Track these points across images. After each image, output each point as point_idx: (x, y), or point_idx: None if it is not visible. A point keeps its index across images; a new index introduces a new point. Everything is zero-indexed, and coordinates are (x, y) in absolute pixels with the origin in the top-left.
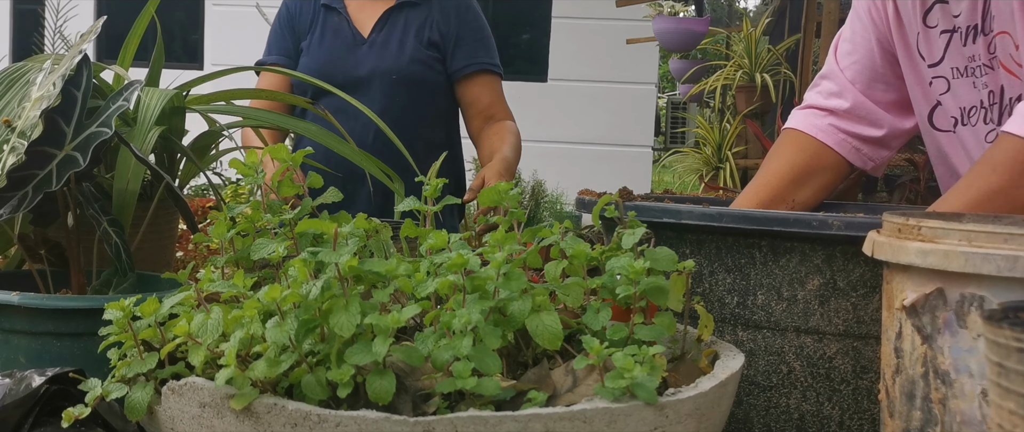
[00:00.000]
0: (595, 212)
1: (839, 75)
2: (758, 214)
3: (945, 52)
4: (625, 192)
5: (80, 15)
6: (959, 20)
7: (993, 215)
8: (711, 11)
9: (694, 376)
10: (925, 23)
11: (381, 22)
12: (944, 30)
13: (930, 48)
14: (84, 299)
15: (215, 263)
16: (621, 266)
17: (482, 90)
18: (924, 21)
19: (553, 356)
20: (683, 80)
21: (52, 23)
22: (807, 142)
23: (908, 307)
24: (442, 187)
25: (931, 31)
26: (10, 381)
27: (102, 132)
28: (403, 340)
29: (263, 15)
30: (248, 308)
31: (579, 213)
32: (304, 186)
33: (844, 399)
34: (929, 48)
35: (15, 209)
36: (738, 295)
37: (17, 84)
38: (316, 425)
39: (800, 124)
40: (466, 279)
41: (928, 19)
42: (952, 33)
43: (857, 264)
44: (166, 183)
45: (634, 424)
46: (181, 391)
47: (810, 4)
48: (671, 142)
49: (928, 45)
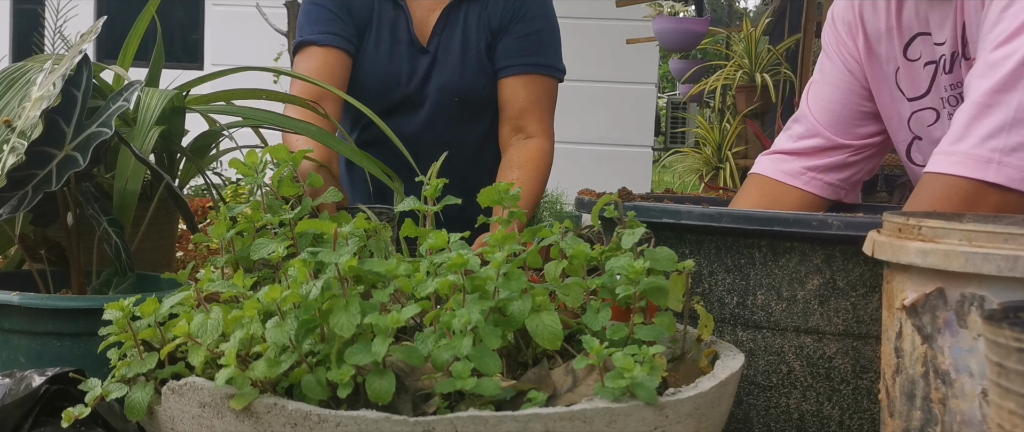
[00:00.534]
0: (595, 212)
1: (809, 118)
2: (758, 214)
3: (932, 84)
4: (625, 192)
5: (80, 15)
6: (944, 49)
7: (993, 215)
8: (711, 11)
9: (694, 376)
10: (906, 57)
11: (441, 23)
12: (928, 62)
13: (914, 82)
14: (84, 299)
15: (215, 263)
16: (621, 266)
17: (514, 93)
18: (905, 55)
19: (553, 356)
20: (683, 80)
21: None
22: (771, 187)
23: (908, 307)
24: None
25: (913, 64)
26: (10, 381)
27: (102, 132)
28: (403, 340)
29: (263, 15)
30: (248, 308)
31: (579, 213)
32: (304, 187)
33: (844, 399)
34: (912, 82)
35: (15, 209)
36: (738, 295)
37: (17, 84)
38: (316, 425)
39: (765, 170)
40: (466, 279)
41: (909, 52)
42: (937, 64)
43: (857, 264)
44: (166, 183)
45: (634, 424)
46: (181, 391)
47: (810, 4)
48: (671, 142)
49: (911, 79)
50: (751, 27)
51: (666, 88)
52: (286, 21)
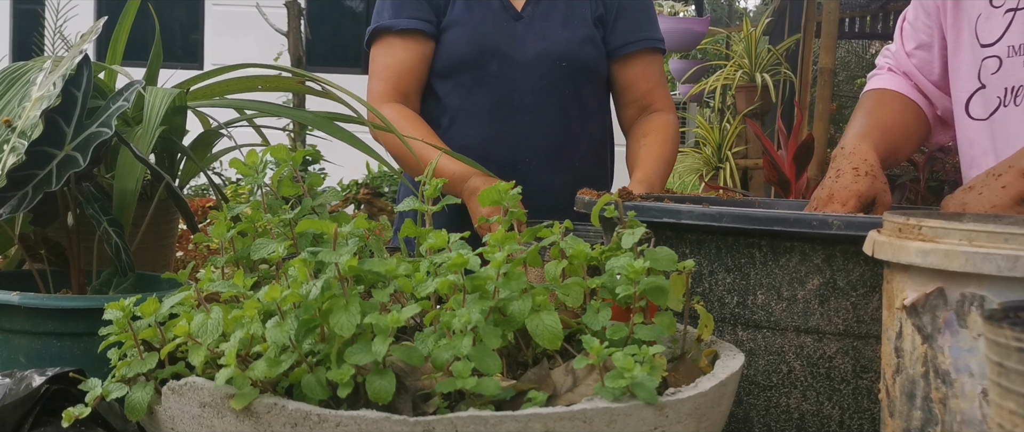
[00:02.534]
0: (595, 212)
1: (904, 60)
2: (758, 214)
3: (1005, 31)
4: (625, 192)
5: (80, 15)
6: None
7: (993, 215)
8: (711, 11)
9: (694, 376)
10: (992, 3)
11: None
12: (1009, 9)
13: (990, 28)
14: (84, 299)
15: (215, 263)
16: (621, 266)
17: (641, 72)
18: (991, 1)
19: (553, 356)
20: (683, 80)
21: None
22: (906, 104)
23: (908, 307)
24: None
25: (996, 11)
26: (10, 381)
27: (102, 132)
28: (403, 340)
29: (263, 15)
30: (248, 308)
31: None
32: (303, 187)
33: (844, 399)
34: (989, 28)
35: (15, 209)
36: (738, 295)
37: (17, 84)
38: (316, 425)
39: (895, 86)
40: (466, 279)
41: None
42: (1016, 11)
43: (857, 264)
44: (166, 183)
45: (634, 424)
46: (181, 391)
47: (810, 4)
48: None
49: (988, 26)
50: (751, 27)
51: None
52: (286, 21)
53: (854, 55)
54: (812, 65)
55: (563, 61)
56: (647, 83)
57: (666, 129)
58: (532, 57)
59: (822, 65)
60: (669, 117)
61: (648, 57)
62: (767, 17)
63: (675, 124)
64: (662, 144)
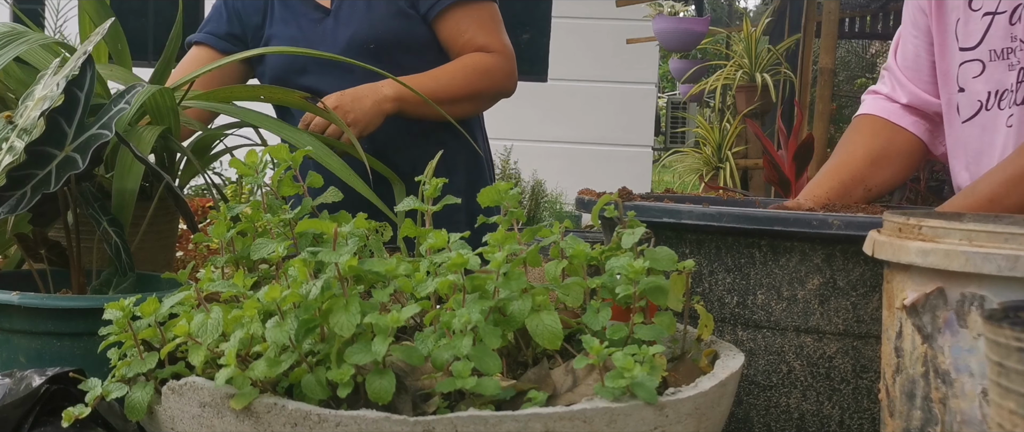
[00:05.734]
0: (595, 212)
1: (896, 72)
2: (758, 214)
3: (984, 35)
4: (625, 192)
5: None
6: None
7: (994, 215)
8: (711, 11)
9: (694, 376)
10: (970, 7)
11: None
12: (987, 12)
13: (968, 32)
14: (84, 299)
15: (215, 263)
16: (621, 266)
17: (454, 28)
18: (969, 5)
19: (553, 356)
20: (683, 80)
21: (52, 23)
22: (882, 126)
23: (908, 306)
24: (442, 186)
25: (974, 14)
26: (10, 381)
27: (103, 134)
28: (403, 340)
29: None
30: (248, 308)
31: (579, 213)
32: (304, 186)
33: (844, 398)
34: (967, 32)
35: (13, 209)
36: (738, 295)
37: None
38: (316, 425)
39: (872, 109)
40: (466, 279)
41: (974, 2)
42: (994, 15)
43: (857, 263)
44: (166, 183)
45: (634, 424)
46: (181, 391)
47: (810, 4)
48: (671, 142)
49: (967, 29)
50: (751, 27)
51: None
52: None
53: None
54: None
55: (371, 42)
56: (462, 37)
57: (462, 60)
58: (343, 47)
59: (822, 65)
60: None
61: (458, 12)
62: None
63: (479, 58)
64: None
